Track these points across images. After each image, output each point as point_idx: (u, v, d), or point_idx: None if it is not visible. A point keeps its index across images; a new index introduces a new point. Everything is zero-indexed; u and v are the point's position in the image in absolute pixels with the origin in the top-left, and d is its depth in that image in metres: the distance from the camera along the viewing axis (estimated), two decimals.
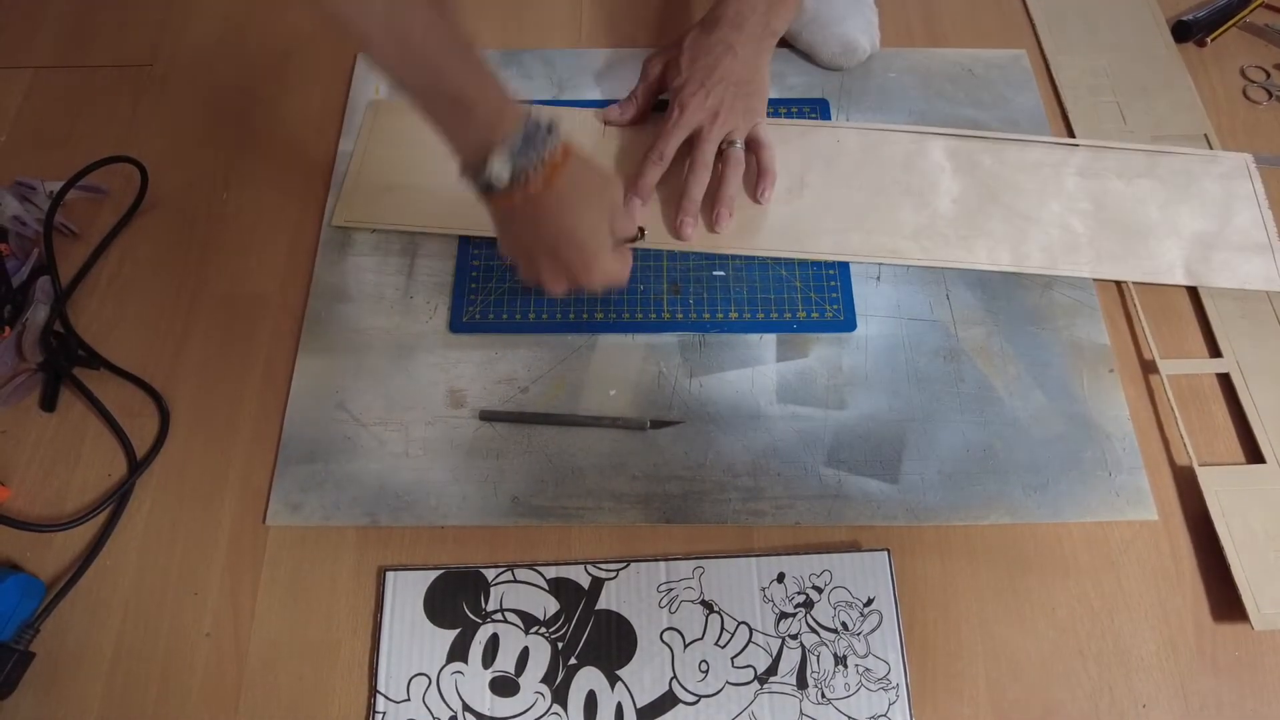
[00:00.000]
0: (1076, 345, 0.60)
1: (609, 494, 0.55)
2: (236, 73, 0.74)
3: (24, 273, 0.61)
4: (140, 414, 0.58)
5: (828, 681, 0.49)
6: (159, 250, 0.65)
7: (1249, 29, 0.76)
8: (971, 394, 0.58)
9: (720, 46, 0.63)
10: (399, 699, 0.49)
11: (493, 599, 0.52)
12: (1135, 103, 0.71)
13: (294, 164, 0.69)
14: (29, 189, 0.64)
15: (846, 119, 0.70)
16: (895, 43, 0.74)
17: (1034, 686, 0.50)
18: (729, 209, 0.63)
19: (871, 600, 0.51)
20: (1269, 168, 0.67)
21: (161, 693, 0.50)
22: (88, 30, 0.77)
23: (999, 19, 0.77)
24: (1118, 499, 0.55)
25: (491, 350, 0.60)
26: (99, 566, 0.53)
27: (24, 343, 0.58)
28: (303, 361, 0.60)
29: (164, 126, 0.71)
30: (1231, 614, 0.52)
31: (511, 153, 0.44)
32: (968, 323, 0.61)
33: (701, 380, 0.59)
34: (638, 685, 0.50)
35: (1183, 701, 0.50)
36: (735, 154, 0.63)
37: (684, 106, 0.63)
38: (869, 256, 0.63)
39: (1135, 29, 0.76)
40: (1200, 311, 0.62)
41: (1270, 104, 0.72)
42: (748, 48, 0.64)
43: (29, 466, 0.57)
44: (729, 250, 0.63)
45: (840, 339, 0.60)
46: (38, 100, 0.73)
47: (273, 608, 0.52)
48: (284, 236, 0.65)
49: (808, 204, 0.65)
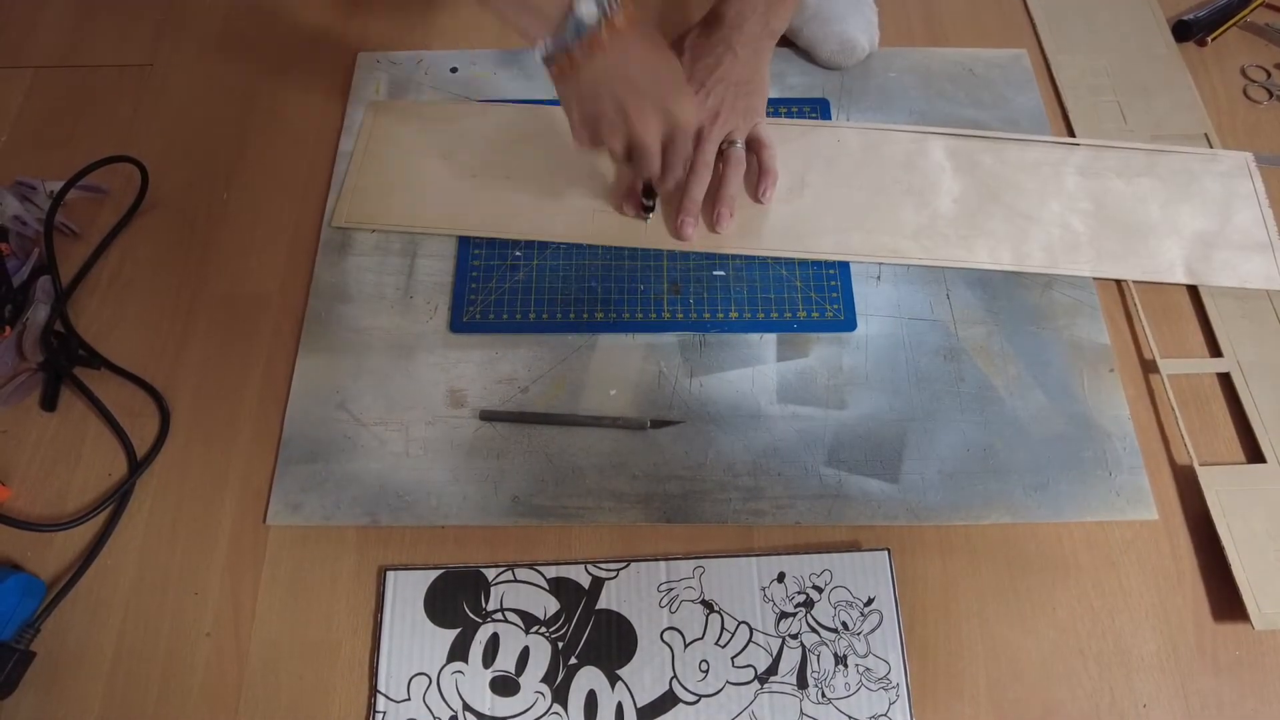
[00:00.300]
0: (1077, 345, 0.60)
1: (609, 494, 0.55)
2: (236, 73, 0.74)
3: (24, 272, 0.61)
4: (141, 414, 0.58)
5: (828, 681, 0.50)
6: (159, 250, 0.65)
7: (1249, 28, 0.76)
8: (972, 394, 0.58)
9: (720, 47, 0.64)
10: (399, 698, 0.49)
11: (493, 599, 0.52)
12: (1135, 102, 0.71)
13: (294, 164, 0.69)
14: (29, 189, 0.64)
15: (847, 119, 0.70)
16: (895, 42, 0.74)
17: (1034, 686, 0.50)
18: (730, 209, 0.63)
19: (872, 600, 0.51)
20: (1269, 167, 0.67)
21: (162, 692, 0.50)
22: (88, 30, 0.77)
23: (999, 19, 0.77)
24: (1118, 499, 0.55)
25: (492, 350, 0.60)
26: (99, 566, 0.53)
27: (24, 342, 0.58)
28: (303, 361, 0.60)
29: (164, 127, 0.71)
30: (1232, 614, 0.52)
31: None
32: (968, 322, 0.61)
33: (702, 380, 0.59)
34: (638, 685, 0.50)
35: (1183, 701, 0.50)
36: (736, 154, 0.64)
37: None
38: (870, 256, 0.63)
39: (1136, 28, 0.76)
40: (1200, 311, 0.62)
41: (1271, 103, 0.71)
42: (747, 48, 0.64)
43: (29, 466, 0.57)
44: (729, 250, 0.63)
45: (841, 339, 0.60)
46: (38, 100, 0.73)
47: (273, 607, 0.52)
48: (284, 236, 0.65)
49: (808, 203, 0.65)
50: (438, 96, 0.72)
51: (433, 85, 0.73)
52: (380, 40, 0.75)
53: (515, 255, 0.63)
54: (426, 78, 0.73)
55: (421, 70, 0.73)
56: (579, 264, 0.63)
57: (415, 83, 0.73)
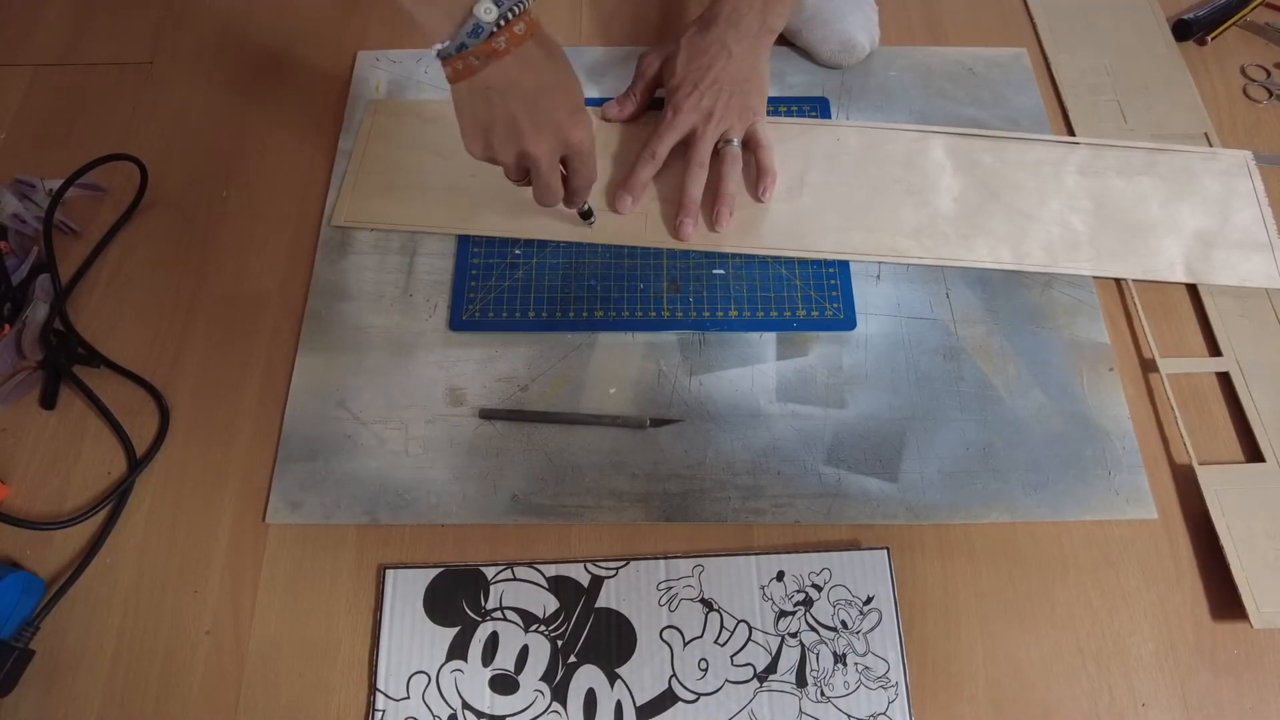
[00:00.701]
0: (1076, 344, 0.60)
1: (609, 492, 0.55)
2: (236, 71, 0.74)
3: (24, 271, 0.61)
4: (140, 412, 0.58)
5: (827, 680, 0.50)
6: (159, 249, 0.65)
7: (1249, 28, 0.76)
8: (971, 393, 0.58)
9: (716, 45, 0.63)
10: (399, 697, 0.50)
11: (492, 597, 0.52)
12: (1135, 101, 0.71)
13: (294, 163, 0.69)
14: (29, 187, 0.64)
15: (847, 117, 0.70)
16: (896, 41, 0.74)
17: (1033, 684, 0.50)
18: (729, 208, 0.63)
19: (871, 599, 0.51)
20: (1269, 166, 0.67)
21: (161, 691, 0.50)
22: (87, 28, 0.77)
23: (1000, 18, 0.77)
24: (1117, 498, 0.55)
25: (491, 349, 0.60)
26: (99, 564, 0.53)
27: (23, 341, 0.58)
28: (302, 360, 0.60)
29: (163, 125, 0.71)
30: (1231, 613, 0.52)
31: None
32: (968, 321, 0.61)
33: (701, 378, 0.59)
34: (637, 683, 0.50)
35: (1182, 700, 0.50)
36: (732, 152, 0.63)
37: (678, 109, 0.63)
38: (870, 255, 0.63)
39: (1135, 28, 0.76)
40: (1200, 310, 0.62)
41: (1270, 102, 0.71)
42: (743, 45, 0.64)
43: (29, 465, 0.57)
44: (729, 249, 0.63)
45: (840, 337, 0.60)
46: (37, 98, 0.73)
47: (273, 606, 0.52)
48: (284, 235, 0.65)
49: (808, 203, 0.65)
50: (438, 95, 0.72)
51: (433, 84, 0.72)
52: (380, 39, 0.75)
53: (515, 254, 0.63)
54: (427, 76, 0.73)
55: (421, 69, 0.73)
56: (578, 262, 0.63)
57: (415, 81, 0.73)
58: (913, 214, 0.64)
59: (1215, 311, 0.61)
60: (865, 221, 0.64)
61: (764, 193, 0.64)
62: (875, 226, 0.64)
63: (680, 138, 0.63)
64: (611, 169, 0.66)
